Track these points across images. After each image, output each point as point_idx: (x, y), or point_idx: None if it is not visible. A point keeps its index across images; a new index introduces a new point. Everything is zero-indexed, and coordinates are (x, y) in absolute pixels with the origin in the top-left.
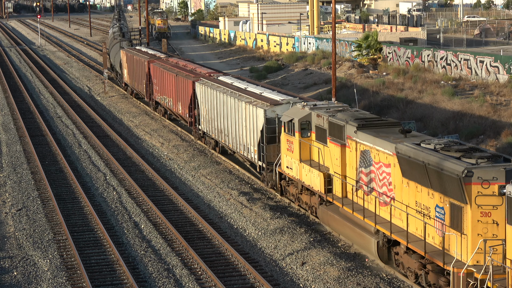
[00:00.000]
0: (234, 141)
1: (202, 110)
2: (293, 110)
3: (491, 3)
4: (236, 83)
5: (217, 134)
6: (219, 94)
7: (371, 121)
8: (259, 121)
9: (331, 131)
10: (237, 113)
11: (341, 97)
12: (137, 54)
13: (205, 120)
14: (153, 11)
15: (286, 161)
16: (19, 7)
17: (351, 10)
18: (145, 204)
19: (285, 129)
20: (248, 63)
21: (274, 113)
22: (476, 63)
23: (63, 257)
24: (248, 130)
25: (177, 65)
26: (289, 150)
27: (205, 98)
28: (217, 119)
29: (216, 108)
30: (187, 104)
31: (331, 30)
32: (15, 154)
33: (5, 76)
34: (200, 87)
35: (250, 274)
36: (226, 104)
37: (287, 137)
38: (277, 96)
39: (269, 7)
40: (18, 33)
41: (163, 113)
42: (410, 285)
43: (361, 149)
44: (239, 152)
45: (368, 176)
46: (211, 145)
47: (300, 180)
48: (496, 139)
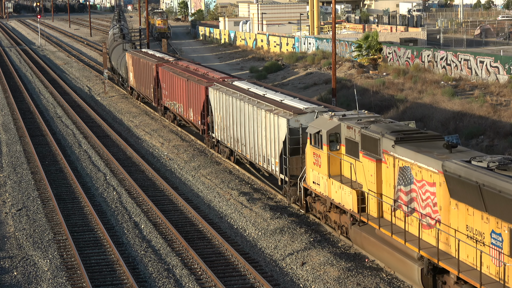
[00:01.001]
0: (252, 152)
1: (216, 117)
2: (320, 121)
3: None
4: (253, 89)
5: (232, 143)
6: (235, 101)
7: (410, 134)
8: (281, 131)
9: (364, 145)
10: (256, 122)
11: (341, 97)
12: (144, 57)
13: (219, 128)
14: (153, 11)
15: (312, 176)
16: (19, 7)
17: (351, 10)
18: (145, 204)
19: (311, 141)
20: (248, 63)
21: (297, 123)
22: (476, 64)
23: (63, 257)
24: (269, 141)
25: (187, 69)
26: (316, 164)
27: (219, 104)
28: (232, 127)
29: (232, 116)
30: (199, 111)
31: (331, 30)
32: (15, 154)
33: (5, 76)
34: (214, 93)
35: (250, 274)
36: (243, 111)
37: (313, 150)
38: (300, 104)
39: (269, 7)
40: (18, 33)
41: (172, 119)
42: (410, 285)
43: (400, 165)
44: (257, 164)
45: (409, 195)
46: (225, 154)
47: (329, 197)
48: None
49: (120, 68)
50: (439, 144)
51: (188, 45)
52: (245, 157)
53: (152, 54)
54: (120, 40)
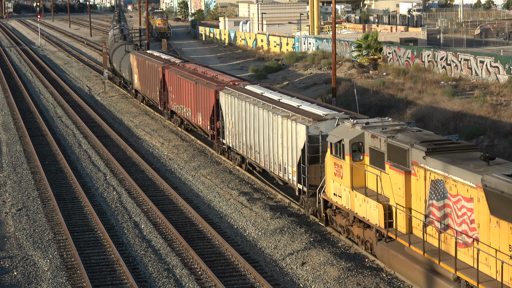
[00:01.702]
0: (267, 159)
1: (227, 122)
2: (341, 129)
3: (491, 3)
4: (267, 93)
5: (245, 150)
6: (249, 106)
7: (442, 144)
8: (300, 139)
9: (391, 155)
10: (271, 128)
11: (341, 97)
12: (150, 59)
13: (231, 134)
14: (153, 11)
15: (333, 188)
16: (19, 7)
17: (351, 10)
18: (145, 204)
19: (331, 150)
20: (248, 63)
21: (317, 130)
22: (476, 63)
23: (63, 257)
24: (285, 148)
25: (195, 71)
26: (337, 175)
27: (230, 109)
28: (245, 133)
29: (245, 121)
30: (209, 115)
31: (331, 30)
32: (15, 154)
33: (5, 76)
34: (225, 97)
35: (250, 274)
36: (258, 117)
37: (334, 160)
38: (319, 110)
39: (269, 7)
40: (18, 33)
41: (179, 123)
42: (410, 285)
43: (432, 178)
44: (272, 172)
45: (442, 211)
46: (236, 161)
47: (352, 210)
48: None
49: (123, 70)
50: (474, 155)
51: (188, 45)
52: (258, 165)
53: (157, 56)
54: (121, 41)
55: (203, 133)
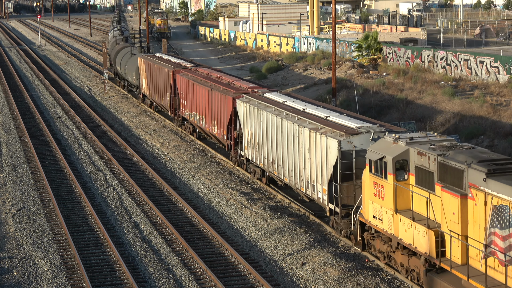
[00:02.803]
0: (292, 175)
1: (246, 133)
2: (382, 145)
3: (491, 3)
4: (289, 102)
5: (266, 163)
6: (270, 116)
7: (506, 165)
8: (331, 154)
9: (443, 176)
10: (297, 142)
11: (341, 97)
12: (159, 63)
13: (250, 145)
14: (153, 11)
15: (372, 209)
16: (19, 7)
17: (351, 11)
18: (145, 204)
19: (371, 168)
20: (248, 63)
21: (350, 145)
22: (476, 64)
23: (63, 257)
24: (314, 164)
25: (209, 77)
26: (377, 195)
27: (249, 119)
28: (266, 145)
29: (266, 133)
30: (225, 125)
31: (331, 30)
32: (15, 154)
33: (5, 76)
34: (243, 106)
35: (250, 274)
36: (281, 129)
37: (374, 179)
38: (350, 121)
39: (269, 8)
40: (18, 33)
41: (191, 131)
42: (410, 285)
43: (495, 204)
44: (299, 189)
45: (507, 241)
46: (256, 175)
47: (396, 236)
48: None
49: (128, 74)
50: None
51: (188, 45)
52: (282, 180)
53: (167, 59)
54: (123, 43)
55: (218, 142)
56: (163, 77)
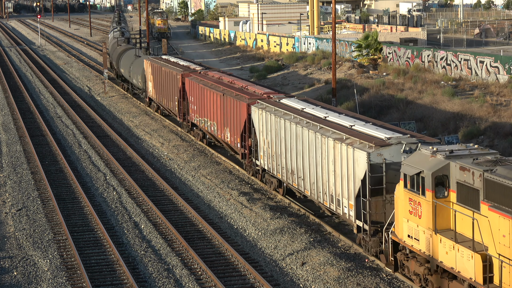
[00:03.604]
0: (314, 188)
1: (261, 141)
2: (418, 158)
3: (491, 3)
4: (308, 109)
5: (284, 174)
6: (289, 124)
7: None
8: (359, 168)
9: (491, 194)
10: (320, 152)
11: (341, 97)
12: (166, 65)
13: (266, 154)
14: (153, 11)
15: (407, 228)
16: (19, 7)
17: (351, 10)
18: (145, 204)
19: (406, 183)
20: (248, 63)
21: (380, 158)
22: (476, 64)
23: (63, 257)
24: (339, 177)
25: (220, 81)
26: (413, 213)
27: (266, 126)
28: (285, 155)
29: (284, 142)
30: (239, 132)
31: (331, 30)
32: (15, 154)
33: (5, 76)
34: (259, 113)
35: (250, 274)
36: (301, 138)
37: (409, 195)
38: (377, 131)
39: (269, 7)
40: (18, 33)
41: (201, 137)
42: (410, 285)
43: None
44: (321, 203)
45: None
46: (272, 185)
47: (435, 258)
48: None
49: (133, 76)
50: None
51: (188, 45)
52: (302, 192)
53: (174, 62)
54: (125, 44)
55: (230, 150)
56: (171, 80)
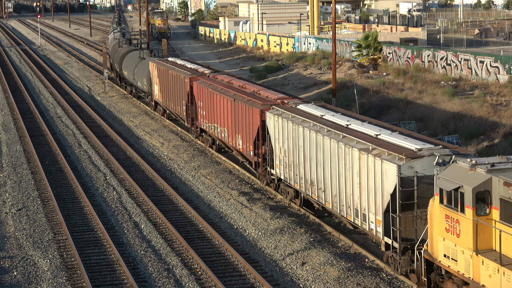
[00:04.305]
0: (336, 201)
1: (277, 149)
2: (456, 172)
3: (491, 3)
4: (328, 116)
5: (303, 185)
6: (308, 132)
7: None
8: (388, 181)
9: None
10: (344, 163)
11: (341, 97)
12: (173, 68)
13: (282, 163)
14: (153, 11)
15: (443, 247)
16: (19, 7)
17: (351, 10)
18: (145, 204)
19: (442, 199)
20: (248, 63)
21: (411, 171)
22: (476, 63)
23: (63, 257)
24: (365, 190)
25: (230, 85)
26: (451, 231)
27: (282, 134)
28: (303, 165)
29: (303, 151)
30: (252, 139)
31: (331, 30)
32: (15, 154)
33: (5, 76)
34: (274, 119)
35: (250, 274)
36: (322, 147)
37: (446, 212)
38: (406, 141)
39: (269, 7)
40: (18, 33)
41: (210, 143)
42: (410, 285)
43: None
44: (345, 217)
45: None
46: (288, 196)
47: (476, 281)
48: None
49: (138, 79)
50: None
51: (188, 45)
52: (322, 205)
53: (182, 64)
54: (126, 46)
55: (241, 157)
56: (179, 84)
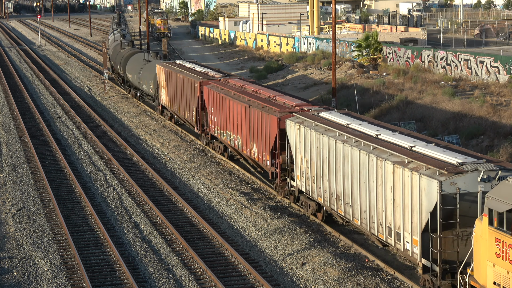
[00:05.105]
0: (366, 217)
1: (298, 160)
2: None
3: (491, 3)
4: (354, 124)
5: (327, 199)
6: (334, 143)
7: None
8: (427, 198)
9: None
10: (375, 177)
11: (341, 97)
12: (182, 72)
13: (304, 175)
14: (153, 11)
15: (492, 273)
16: (19, 7)
17: (351, 11)
18: (145, 204)
19: (492, 220)
20: (248, 63)
21: (453, 187)
22: (476, 64)
23: (63, 257)
24: (400, 207)
25: (243, 90)
26: (502, 257)
27: (304, 144)
28: (328, 177)
29: (328, 162)
30: (269, 149)
31: (331, 30)
32: (15, 154)
33: (5, 76)
34: (295, 128)
35: (250, 274)
36: (350, 159)
37: (497, 235)
38: (444, 154)
39: (269, 8)
40: (18, 33)
41: (221, 150)
42: (410, 285)
43: None
44: (375, 235)
45: None
46: (310, 209)
47: None
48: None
49: (144, 82)
50: None
51: (188, 45)
52: (349, 221)
53: (191, 68)
54: (129, 48)
55: (256, 165)
56: (188, 88)
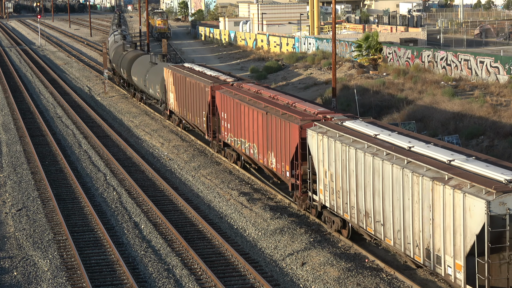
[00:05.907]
0: (399, 237)
1: (322, 173)
2: None
3: (491, 3)
4: (384, 135)
5: (355, 216)
6: (363, 156)
7: None
8: (473, 219)
9: None
10: (410, 194)
11: (341, 97)
12: (192, 76)
13: (328, 189)
14: (153, 12)
15: None
16: (19, 7)
17: (351, 11)
18: (145, 204)
19: None
20: (248, 64)
21: (503, 208)
22: (476, 64)
23: (63, 257)
24: (440, 228)
25: (259, 95)
26: None
27: (328, 155)
28: (355, 192)
29: (355, 176)
30: (288, 159)
31: (331, 30)
32: (15, 154)
33: (5, 76)
34: (318, 138)
35: (250, 274)
36: (381, 173)
37: None
38: (489, 170)
39: (269, 8)
40: (18, 33)
41: (235, 158)
42: (410, 285)
43: None
44: (410, 257)
45: None
46: (334, 225)
47: None
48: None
49: (150, 85)
50: None
51: (188, 45)
52: (381, 239)
53: (200, 71)
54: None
55: (272, 175)
56: (199, 93)
